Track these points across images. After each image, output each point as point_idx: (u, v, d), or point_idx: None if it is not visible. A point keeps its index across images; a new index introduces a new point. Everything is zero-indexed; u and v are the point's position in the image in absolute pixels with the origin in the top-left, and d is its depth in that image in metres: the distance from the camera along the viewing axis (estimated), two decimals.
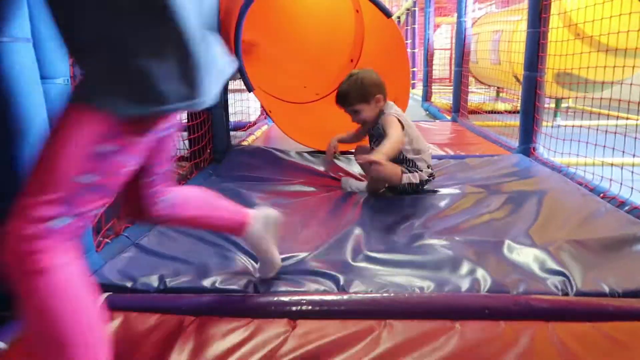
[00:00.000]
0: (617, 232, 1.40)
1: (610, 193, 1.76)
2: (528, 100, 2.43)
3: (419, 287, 1.13)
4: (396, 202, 1.81)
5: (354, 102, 1.89)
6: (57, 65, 1.08)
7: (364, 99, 1.88)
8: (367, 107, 1.90)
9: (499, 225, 1.52)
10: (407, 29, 8.67)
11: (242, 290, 1.13)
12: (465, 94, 3.89)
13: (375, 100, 1.89)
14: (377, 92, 1.89)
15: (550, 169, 2.16)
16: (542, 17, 2.33)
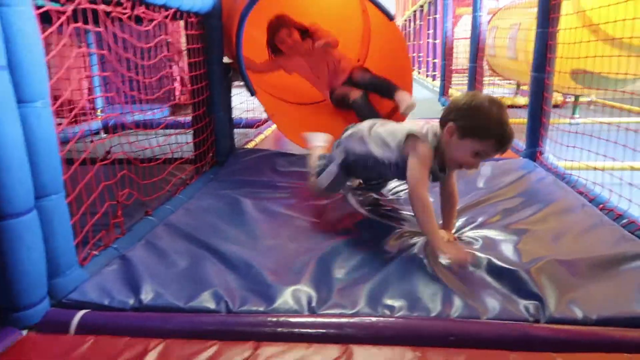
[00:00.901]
0: (606, 250, 1.36)
1: (609, 204, 1.71)
2: (535, 102, 2.36)
3: (388, 309, 1.13)
4: (392, 214, 1.77)
5: None
6: (35, 88, 1.11)
7: None
8: None
9: (487, 238, 1.50)
10: (429, 18, 8.51)
11: (213, 310, 1.15)
12: (480, 91, 3.81)
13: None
14: None
15: (554, 175, 2.10)
16: (551, 17, 2.25)
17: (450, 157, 1.40)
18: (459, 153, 1.36)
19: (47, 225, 1.15)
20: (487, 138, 1.31)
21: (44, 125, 1.13)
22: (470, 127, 1.32)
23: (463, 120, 1.33)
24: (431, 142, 1.41)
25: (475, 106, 1.33)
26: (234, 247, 1.46)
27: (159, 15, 1.83)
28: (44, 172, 1.13)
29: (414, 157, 1.42)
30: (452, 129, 1.34)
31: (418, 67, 10.86)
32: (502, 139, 1.32)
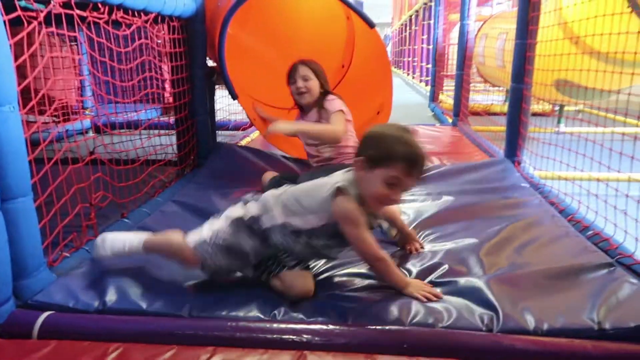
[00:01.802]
0: (567, 261, 1.39)
1: (577, 216, 1.74)
2: (514, 113, 2.39)
3: (342, 317, 1.15)
4: None
5: None
6: (3, 93, 1.13)
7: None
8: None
9: (452, 247, 1.52)
10: (424, 24, 8.57)
11: (175, 314, 1.17)
12: (466, 99, 3.84)
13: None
14: None
15: (529, 185, 2.13)
16: (529, 29, 2.29)
17: (368, 195, 1.23)
18: (372, 187, 1.21)
19: (14, 227, 1.17)
20: (394, 162, 1.18)
21: (11, 129, 1.14)
22: (376, 155, 1.20)
23: (369, 150, 1.22)
24: (352, 190, 1.23)
25: (380, 133, 1.25)
26: None
27: (138, 19, 1.85)
28: (10, 175, 1.15)
29: (343, 223, 1.23)
30: (360, 162, 1.22)
31: (412, 71, 10.91)
32: (410, 160, 1.18)
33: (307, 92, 2.13)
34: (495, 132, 3.19)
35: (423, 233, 1.66)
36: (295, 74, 2.14)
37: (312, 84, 2.12)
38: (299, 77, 2.12)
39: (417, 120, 4.69)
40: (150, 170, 2.07)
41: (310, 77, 2.12)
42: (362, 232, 1.22)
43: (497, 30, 4.52)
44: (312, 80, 2.12)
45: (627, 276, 1.29)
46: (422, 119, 4.99)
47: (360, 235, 1.22)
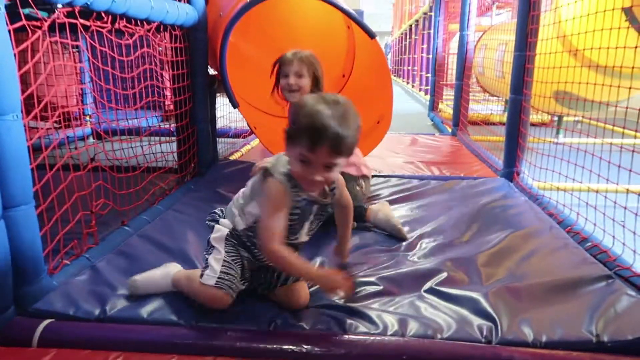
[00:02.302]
0: (565, 273, 1.39)
1: (576, 227, 1.75)
2: (512, 124, 2.41)
3: (342, 328, 1.15)
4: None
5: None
6: (6, 102, 1.14)
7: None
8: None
9: (452, 257, 1.53)
10: (424, 33, 8.62)
11: (176, 323, 1.17)
12: (465, 109, 3.86)
13: None
14: None
15: (528, 196, 2.14)
16: (528, 41, 2.31)
17: (295, 175, 1.12)
18: (293, 166, 1.10)
19: (15, 235, 1.17)
20: (298, 136, 1.05)
21: (14, 137, 1.15)
22: (288, 130, 1.10)
23: (288, 125, 1.12)
24: (282, 173, 1.13)
25: (296, 105, 1.12)
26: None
27: (141, 29, 1.87)
28: (13, 184, 1.16)
29: (261, 203, 1.15)
30: (284, 139, 1.11)
31: (412, 80, 10.96)
32: (310, 134, 1.03)
33: (298, 91, 1.91)
34: (494, 142, 3.21)
35: (422, 242, 1.67)
36: (289, 68, 1.90)
37: (305, 82, 1.91)
38: (292, 73, 1.89)
39: (417, 129, 4.71)
40: (151, 178, 2.08)
41: (304, 74, 1.90)
42: (269, 220, 1.11)
43: (497, 41, 4.54)
44: (306, 78, 1.91)
45: (625, 288, 1.30)
46: (422, 128, 5.01)
47: (265, 222, 1.12)
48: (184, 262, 1.47)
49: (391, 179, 2.42)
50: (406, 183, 2.36)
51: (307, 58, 1.92)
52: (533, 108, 2.92)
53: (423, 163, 2.88)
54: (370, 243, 1.68)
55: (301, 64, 1.91)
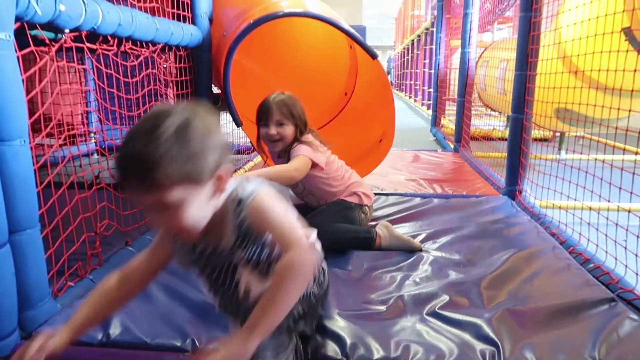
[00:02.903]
0: (568, 296, 1.39)
1: (578, 248, 1.75)
2: (514, 143, 2.42)
3: (345, 354, 1.15)
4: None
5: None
6: (14, 127, 1.15)
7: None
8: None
9: (454, 279, 1.53)
10: (425, 48, 8.69)
11: (179, 348, 1.17)
12: (467, 125, 3.88)
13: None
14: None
15: (530, 215, 2.15)
16: (529, 61, 2.33)
17: None
18: None
19: (21, 258, 1.18)
20: None
21: (21, 162, 1.17)
22: None
23: None
24: None
25: None
26: None
27: (146, 50, 1.89)
28: (19, 208, 1.17)
29: None
30: None
31: (414, 95, 11.02)
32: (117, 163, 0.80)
33: (280, 140, 1.84)
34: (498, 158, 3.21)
35: (425, 262, 1.67)
36: (269, 118, 1.82)
37: (287, 130, 1.83)
38: (273, 123, 1.82)
39: (419, 145, 4.73)
40: None
41: (285, 122, 1.82)
42: None
43: (497, 59, 4.58)
44: (288, 126, 1.83)
45: (628, 312, 1.30)
46: (424, 143, 5.03)
47: None
48: (185, 283, 1.47)
49: (393, 197, 2.43)
50: (408, 201, 2.37)
51: (288, 103, 1.83)
52: (535, 125, 2.93)
53: (425, 180, 2.89)
54: (371, 264, 1.68)
55: (280, 112, 1.81)
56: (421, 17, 10.62)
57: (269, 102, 1.84)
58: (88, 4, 1.34)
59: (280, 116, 1.82)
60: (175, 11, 2.15)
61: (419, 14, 11.10)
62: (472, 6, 3.82)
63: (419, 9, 11.09)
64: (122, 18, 1.54)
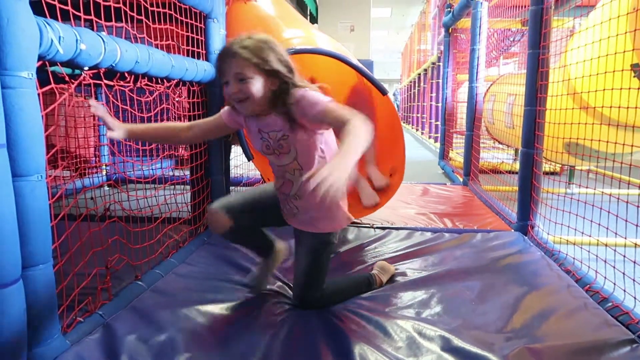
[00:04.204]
0: (587, 336, 1.36)
1: (595, 286, 1.72)
2: (525, 178, 2.41)
3: None
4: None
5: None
6: (32, 163, 1.17)
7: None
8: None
9: (465, 318, 1.50)
10: (432, 82, 8.79)
11: None
12: (476, 159, 3.88)
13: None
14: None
15: (544, 251, 2.12)
16: (538, 97, 2.34)
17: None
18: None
19: (32, 294, 1.18)
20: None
21: (37, 198, 1.17)
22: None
23: None
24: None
25: None
26: (217, 319, 1.48)
27: (161, 86, 1.93)
28: (33, 243, 1.17)
29: None
30: None
31: (421, 127, 11.09)
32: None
33: (247, 100, 1.36)
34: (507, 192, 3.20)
35: (438, 300, 1.64)
36: (225, 71, 1.36)
37: (254, 85, 1.34)
38: (231, 77, 1.35)
39: (428, 178, 4.73)
40: (166, 231, 2.09)
41: (248, 75, 1.33)
42: None
43: (505, 94, 4.62)
44: (253, 79, 1.33)
45: None
46: (432, 176, 5.03)
47: None
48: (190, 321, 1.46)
49: (404, 232, 2.41)
50: (419, 236, 2.35)
51: (249, 47, 1.33)
52: (545, 159, 2.93)
53: (435, 214, 2.87)
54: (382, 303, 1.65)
55: (239, 60, 1.33)
56: (427, 52, 10.78)
57: (227, 49, 1.35)
58: (107, 43, 1.38)
59: (239, 67, 1.33)
60: (190, 48, 2.19)
61: (425, 48, 11.28)
62: (479, 42, 3.88)
63: (425, 44, 11.28)
64: (140, 56, 1.57)
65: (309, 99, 1.36)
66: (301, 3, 10.57)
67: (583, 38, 2.61)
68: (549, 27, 2.29)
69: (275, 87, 1.38)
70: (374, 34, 17.31)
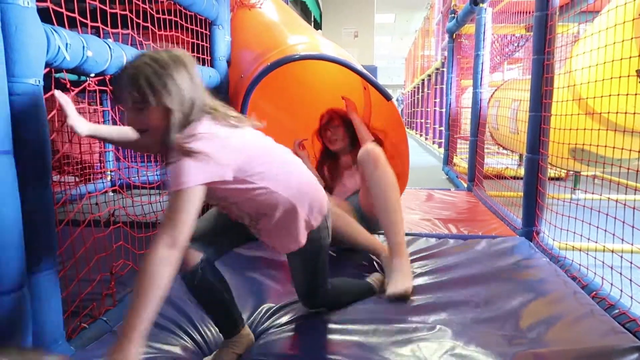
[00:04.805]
0: (593, 342, 1.35)
1: (601, 292, 1.71)
2: (530, 183, 2.40)
3: None
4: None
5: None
6: (38, 170, 1.17)
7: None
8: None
9: (471, 324, 1.49)
10: (436, 88, 8.79)
11: None
12: (481, 165, 3.87)
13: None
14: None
15: (549, 258, 2.10)
16: (543, 102, 2.34)
17: None
18: None
19: (37, 300, 1.18)
20: None
21: (44, 204, 1.18)
22: None
23: None
24: None
25: None
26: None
27: None
28: (38, 248, 1.18)
29: None
30: None
31: (425, 133, 11.09)
32: None
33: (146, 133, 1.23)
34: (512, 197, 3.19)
35: (443, 306, 1.64)
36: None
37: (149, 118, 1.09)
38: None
39: (432, 183, 4.71)
40: None
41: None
42: None
43: (509, 99, 4.61)
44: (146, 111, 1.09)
45: None
46: (437, 182, 5.02)
47: None
48: (195, 327, 1.45)
49: (408, 237, 2.40)
50: (424, 242, 2.34)
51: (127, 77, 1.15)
52: (550, 165, 2.92)
53: (440, 220, 2.86)
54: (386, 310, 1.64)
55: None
56: (431, 57, 10.80)
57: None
58: (114, 50, 1.39)
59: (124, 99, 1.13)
60: (195, 54, 2.21)
61: (429, 54, 11.30)
62: (483, 48, 3.88)
63: (429, 49, 11.30)
64: None
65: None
66: (305, 9, 10.61)
67: (588, 44, 2.61)
68: (554, 33, 2.29)
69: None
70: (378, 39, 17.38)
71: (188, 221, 1.05)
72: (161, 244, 1.02)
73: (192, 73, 1.13)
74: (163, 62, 1.09)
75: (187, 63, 1.13)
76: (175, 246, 1.03)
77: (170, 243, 1.03)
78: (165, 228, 1.04)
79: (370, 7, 12.65)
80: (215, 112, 1.15)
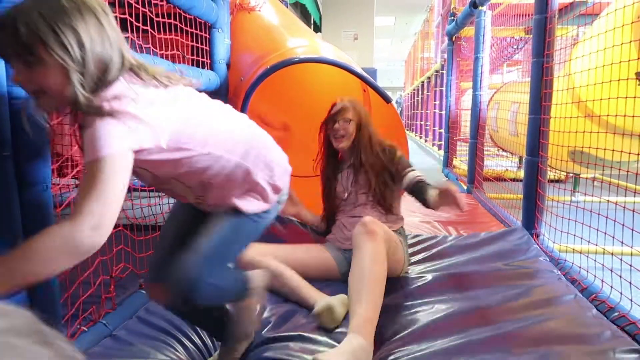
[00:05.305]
0: (592, 347, 1.35)
1: (601, 295, 1.71)
2: (530, 186, 2.40)
3: None
4: None
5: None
6: (38, 173, 1.17)
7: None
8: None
9: (469, 327, 1.49)
10: (436, 90, 8.81)
11: None
12: (480, 167, 3.88)
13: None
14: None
15: (549, 259, 2.10)
16: (542, 105, 2.34)
17: None
18: None
19: (36, 303, 1.18)
20: None
21: (43, 206, 1.18)
22: None
23: None
24: None
25: None
26: None
27: None
28: None
29: None
30: None
31: (425, 135, 11.10)
32: None
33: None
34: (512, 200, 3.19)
35: (444, 309, 1.63)
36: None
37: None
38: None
39: None
40: None
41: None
42: None
43: (509, 102, 4.62)
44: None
45: None
46: None
47: None
48: (195, 330, 1.45)
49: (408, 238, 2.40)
50: (423, 243, 2.34)
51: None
52: (550, 167, 2.92)
53: (439, 222, 2.86)
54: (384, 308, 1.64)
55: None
56: (431, 60, 10.81)
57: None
58: None
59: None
60: (195, 58, 2.21)
61: (428, 56, 11.32)
62: (482, 50, 3.89)
63: (428, 52, 11.32)
64: None
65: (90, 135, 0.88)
66: (305, 12, 10.63)
67: (587, 46, 2.62)
68: (553, 36, 2.29)
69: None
70: (378, 42, 17.39)
71: (115, 197, 0.86)
72: (85, 223, 0.83)
73: (103, 22, 0.90)
74: (57, 5, 0.85)
75: (96, 9, 0.89)
76: (101, 229, 0.85)
77: (95, 224, 0.84)
78: (87, 205, 0.83)
79: (370, 9, 12.66)
80: (139, 69, 0.95)
